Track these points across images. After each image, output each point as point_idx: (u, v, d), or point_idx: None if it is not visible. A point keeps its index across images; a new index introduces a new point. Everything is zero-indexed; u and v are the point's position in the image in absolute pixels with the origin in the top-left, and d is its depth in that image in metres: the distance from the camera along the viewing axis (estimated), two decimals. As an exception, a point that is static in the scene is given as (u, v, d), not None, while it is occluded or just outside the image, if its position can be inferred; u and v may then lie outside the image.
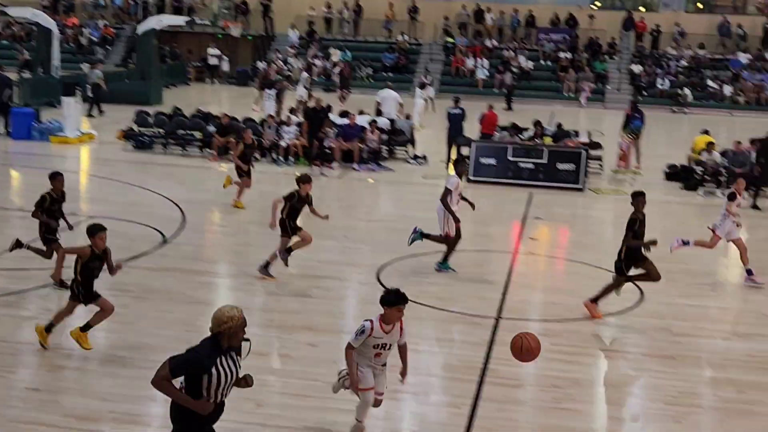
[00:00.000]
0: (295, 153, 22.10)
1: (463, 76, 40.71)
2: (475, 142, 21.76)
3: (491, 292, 12.47)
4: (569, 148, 21.56)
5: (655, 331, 11.24)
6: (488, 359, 10.00)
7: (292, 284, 12.54)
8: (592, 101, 38.91)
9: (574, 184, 20.44)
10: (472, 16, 43.85)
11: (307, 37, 43.71)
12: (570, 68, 40.63)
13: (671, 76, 40.29)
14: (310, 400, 8.72)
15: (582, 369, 10.00)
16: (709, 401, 9.32)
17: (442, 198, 13.22)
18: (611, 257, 14.47)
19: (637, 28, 43.11)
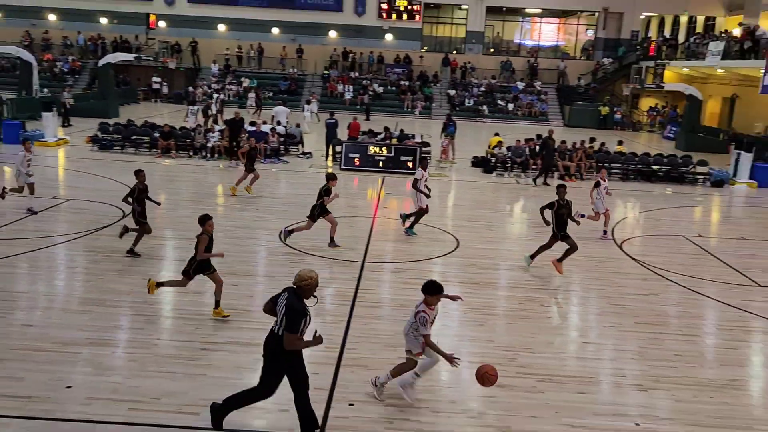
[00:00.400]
0: (219, 151, 21.58)
1: (335, 97, 40.45)
2: (345, 142, 21.73)
3: (359, 244, 12.56)
4: (408, 146, 21.82)
5: (466, 266, 11.58)
6: (357, 290, 10.10)
7: (220, 242, 12.25)
8: (423, 114, 39.41)
9: (412, 171, 20.68)
10: (341, 56, 43.60)
11: (224, 69, 42.47)
12: (408, 91, 41.01)
13: (474, 97, 41.25)
14: (233, 322, 8.59)
15: (419, 293, 10.17)
16: (502, 311, 9.69)
17: (413, 184, 13.28)
18: (437, 218, 14.82)
19: (452, 65, 43.83)
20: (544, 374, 7.65)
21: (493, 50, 46.20)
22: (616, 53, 43.96)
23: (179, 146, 21.95)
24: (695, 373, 7.89)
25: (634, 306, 10.03)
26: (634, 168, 22.34)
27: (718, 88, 38.17)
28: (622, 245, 13.58)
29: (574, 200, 12.75)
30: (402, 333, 6.94)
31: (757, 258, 13.18)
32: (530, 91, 41.77)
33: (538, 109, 40.48)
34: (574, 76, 43.24)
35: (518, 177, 21.14)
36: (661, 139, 36.19)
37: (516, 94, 41.55)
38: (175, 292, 9.70)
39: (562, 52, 46.31)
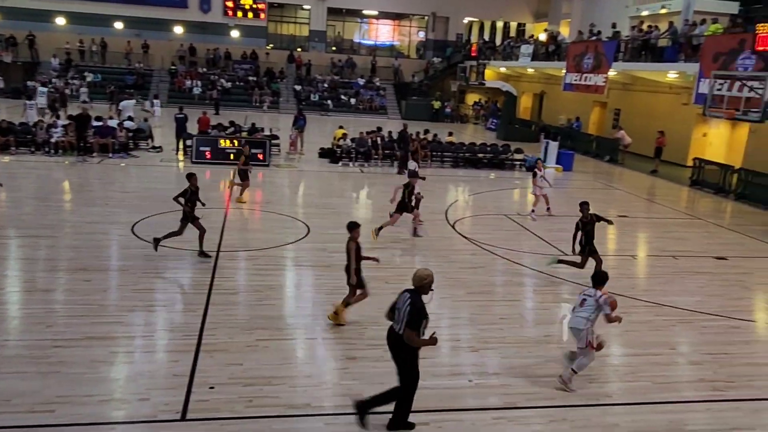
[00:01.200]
0: (63, 147, 19.87)
1: (183, 92, 38.64)
2: (195, 136, 20.88)
3: (212, 234, 12.19)
4: (258, 139, 21.43)
5: (318, 251, 11.65)
6: (213, 279, 9.83)
7: (69, 239, 11.37)
8: (272, 108, 38.81)
9: (263, 162, 20.42)
10: (188, 51, 41.68)
11: (65, 63, 38.97)
12: (255, 87, 40.14)
13: (319, 92, 41.28)
14: (87, 318, 8.05)
15: (274, 278, 10.15)
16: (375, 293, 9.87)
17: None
18: (289, 207, 14.74)
19: (297, 62, 43.51)
20: (391, 344, 7.92)
21: (335, 49, 46.44)
22: (444, 53, 45.98)
23: (20, 142, 19.93)
24: (517, 333, 8.57)
25: (465, 278, 10.63)
26: (462, 156, 23.58)
27: (530, 85, 41.24)
28: (455, 225, 14.32)
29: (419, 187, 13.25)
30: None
31: (564, 231, 14.43)
32: (370, 87, 42.56)
33: (378, 104, 41.36)
34: (409, 73, 44.66)
35: (362, 166, 21.53)
36: (484, 130, 38.44)
37: (357, 89, 42.14)
38: (23, 292, 8.87)
39: (398, 52, 47.61)
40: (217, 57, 42.23)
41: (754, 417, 6.82)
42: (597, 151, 28.34)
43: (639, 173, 24.05)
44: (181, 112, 22.07)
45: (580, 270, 10.59)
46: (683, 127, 26.07)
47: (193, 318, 8.30)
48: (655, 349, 8.29)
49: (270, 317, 8.52)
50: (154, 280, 9.66)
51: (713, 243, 14.04)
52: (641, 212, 17.31)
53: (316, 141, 25.29)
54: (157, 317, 8.35)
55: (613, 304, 6.99)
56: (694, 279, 11.45)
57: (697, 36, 22.53)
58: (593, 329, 7.03)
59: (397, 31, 47.96)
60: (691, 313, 9.66)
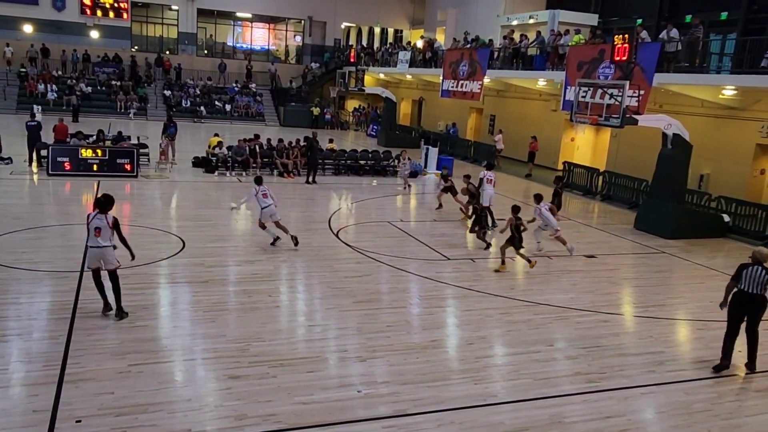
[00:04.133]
0: None
1: (36, 96, 35.92)
2: (51, 146, 19.46)
3: (75, 253, 11.42)
4: (125, 148, 20.36)
5: (194, 266, 11.27)
6: (77, 301, 9.20)
7: None
8: (139, 115, 37.05)
9: (131, 173, 19.43)
10: (40, 52, 38.81)
11: None
12: (120, 92, 38.14)
13: (191, 97, 39.97)
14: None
15: (147, 297, 9.68)
16: (233, 305, 9.64)
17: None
18: (161, 220, 14.16)
19: (165, 65, 41.88)
20: (276, 360, 7.82)
21: (207, 52, 45.22)
22: (322, 58, 46.15)
23: None
24: (404, 339, 8.75)
25: (351, 287, 10.70)
26: (344, 163, 23.76)
27: (409, 91, 42.38)
28: (338, 233, 14.39)
29: (294, 194, 13.17)
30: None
31: (446, 236, 14.97)
32: (246, 93, 41.83)
33: (255, 110, 40.73)
34: (287, 78, 44.39)
35: (240, 175, 21.09)
36: (366, 136, 38.98)
37: (233, 95, 41.27)
38: None
39: (274, 56, 47.19)
40: (74, 59, 39.70)
41: (625, 404, 7.42)
42: (475, 156, 29.59)
43: (514, 177, 25.39)
44: (33, 119, 20.50)
45: (461, 272, 10.98)
46: (553, 132, 27.89)
47: (54, 346, 7.72)
48: (535, 347, 8.79)
49: (143, 340, 8.11)
50: (6, 306, 8.89)
51: (583, 242, 15.11)
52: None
53: (189, 150, 24.43)
54: (11, 347, 7.68)
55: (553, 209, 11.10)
56: (567, 277, 12.26)
57: (562, 46, 24.24)
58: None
59: (273, 34, 47.53)
60: (566, 310, 10.34)
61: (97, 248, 8.64)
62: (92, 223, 8.64)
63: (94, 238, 8.61)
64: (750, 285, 8.11)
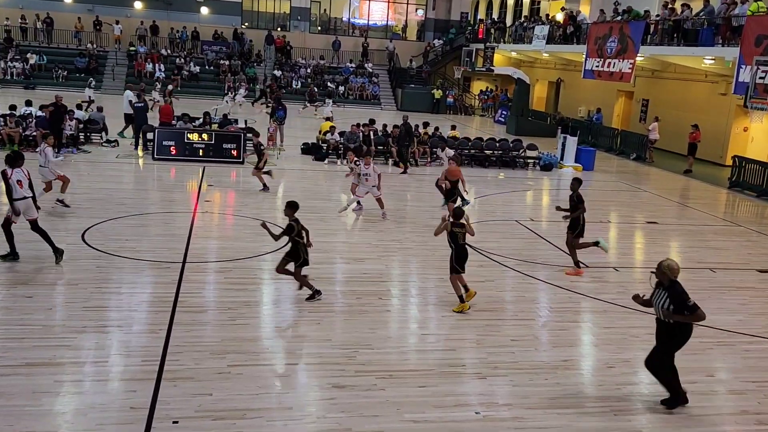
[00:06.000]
0: (1, 140, 19.74)
1: (144, 77, 38.57)
2: (157, 128, 20.81)
3: (177, 243, 12.12)
4: (231, 132, 21.38)
5: (300, 262, 11.57)
6: (178, 294, 9.75)
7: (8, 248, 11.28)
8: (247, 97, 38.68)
9: (237, 159, 20.37)
10: (149, 30, 41.64)
11: (5, 43, 38.88)
12: (228, 72, 40.12)
13: (302, 78, 41.29)
14: (28, 341, 7.96)
15: (249, 294, 10.08)
16: (340, 307, 9.83)
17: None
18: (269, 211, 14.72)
19: (276, 43, 43.55)
20: (384, 370, 7.88)
21: (321, 28, 46.54)
22: (446, 34, 46.12)
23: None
24: (531, 357, 8.53)
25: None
26: (467, 153, 23.61)
27: (545, 72, 41.40)
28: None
29: (410, 186, 13.24)
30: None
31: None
32: (361, 73, 42.61)
33: (370, 92, 41.41)
34: (406, 57, 44.76)
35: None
36: (493, 123, 38.53)
37: (346, 75, 42.19)
38: (-47, 310, 8.78)
39: (392, 32, 47.75)
40: (183, 37, 42.20)
41: (806, 455, 6.81)
42: (622, 147, 28.44)
43: (670, 173, 24.13)
44: (140, 100, 21.96)
45: (602, 283, 10.55)
46: (721, 120, 26.20)
47: (153, 340, 8.22)
48: (690, 376, 8.27)
49: (244, 339, 8.45)
50: (108, 296, 9.58)
51: (756, 254, 14.07)
52: (673, 218, 17.35)
53: (298, 135, 25.24)
54: (112, 340, 8.26)
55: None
56: (734, 295, 11.46)
57: (738, 16, 22.67)
58: None
59: (392, 8, 48.10)
60: (732, 335, 9.66)
61: (25, 199, 10.47)
62: (13, 177, 10.37)
63: (19, 190, 10.39)
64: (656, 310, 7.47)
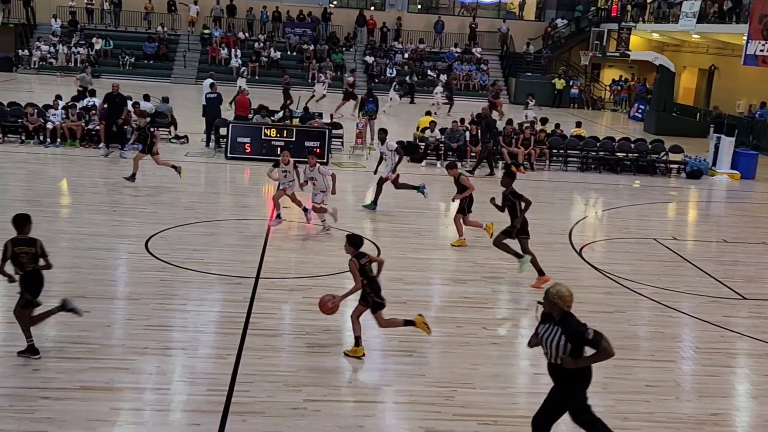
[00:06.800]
0: (62, 134, 20.85)
1: (218, 64, 39.92)
2: (231, 123, 21.44)
3: (250, 255, 12.42)
4: (315, 127, 21.77)
5: (390, 281, 11.59)
6: (249, 314, 9.98)
7: (65, 256, 11.88)
8: (333, 87, 39.35)
9: (320, 159, 20.69)
10: (225, 11, 43.11)
11: (69, 26, 41.19)
12: (313, 58, 40.96)
13: (397, 65, 41.64)
14: (84, 361, 8.33)
15: (329, 317, 10.16)
16: (436, 336, 9.78)
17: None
18: (352, 220, 14.89)
19: (369, 25, 44.13)
20: (489, 415, 7.80)
21: (421, 7, 46.84)
22: (571, 13, 45.47)
23: (7, 128, 21.04)
24: (671, 407, 8.24)
25: (596, 326, 10.26)
26: (595, 155, 23.13)
27: (695, 57, 40.09)
28: (582, 251, 14.02)
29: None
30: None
31: (741, 265, 13.88)
32: (467, 59, 42.57)
33: (478, 82, 41.29)
34: (522, 40, 44.40)
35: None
36: (627, 119, 37.61)
37: (450, 62, 42.24)
38: (5, 324, 9.31)
39: (507, 11, 47.50)
40: (263, 18, 43.37)
41: None
42: (792, 151, 27.17)
43: None
44: (213, 91, 22.68)
45: (762, 320, 10.09)
46: None
47: (221, 367, 8.44)
48: None
49: (323, 370, 8.56)
50: (172, 314, 9.91)
51: None
52: None
53: (392, 131, 25.38)
54: (175, 364, 8.54)
55: None
56: None
57: None
58: None
59: (506, -18, 47.93)
60: None
61: None
62: None
63: None
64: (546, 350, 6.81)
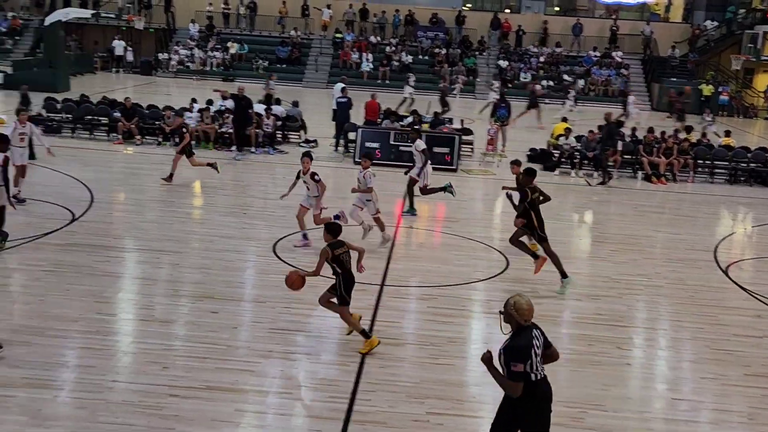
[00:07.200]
0: (197, 137, 21.72)
1: (349, 68, 40.64)
2: (361, 128, 21.75)
3: (376, 261, 12.53)
4: (444, 133, 21.79)
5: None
6: (374, 321, 10.08)
7: (195, 257, 12.37)
8: (464, 92, 39.37)
9: (449, 166, 20.71)
10: (358, 15, 43.86)
11: (206, 30, 42.99)
12: (445, 62, 41.06)
13: (532, 70, 41.17)
14: (210, 361, 8.63)
15: (456, 328, 10.16)
16: (566, 354, 9.59)
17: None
18: (481, 229, 14.81)
19: (503, 28, 43.87)
20: (621, 440, 7.59)
21: (559, 9, 46.17)
22: (722, 15, 43.67)
23: (145, 130, 22.12)
24: (824, 443, 7.78)
25: (743, 352, 9.90)
26: (745, 167, 22.15)
27: None
28: (728, 270, 13.46)
29: (665, 208, 12.70)
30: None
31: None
32: (607, 64, 41.60)
33: (617, 88, 40.26)
34: (667, 43, 42.95)
35: (589, 176, 21.02)
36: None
37: (588, 67, 41.41)
38: (138, 321, 9.78)
39: (651, 12, 46.11)
40: (395, 22, 43.82)
41: None
42: None
43: None
44: (343, 95, 23.08)
45: None
46: None
47: (344, 374, 8.56)
48: None
49: (447, 383, 8.54)
50: (297, 318, 10.14)
51: None
52: None
53: (523, 138, 25.15)
54: (298, 369, 8.73)
55: None
56: None
57: None
58: None
59: (651, -18, 46.61)
60: None
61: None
62: None
63: None
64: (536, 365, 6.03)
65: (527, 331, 6.13)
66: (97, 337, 9.12)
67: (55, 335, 9.08)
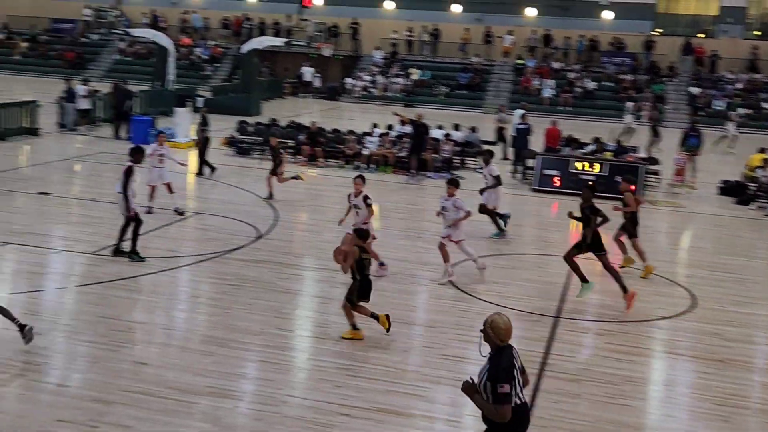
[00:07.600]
0: (376, 161, 22.23)
1: (530, 94, 40.31)
2: (539, 154, 21.50)
3: (551, 292, 12.30)
4: (628, 162, 21.14)
5: (706, 335, 10.94)
6: (547, 354, 9.87)
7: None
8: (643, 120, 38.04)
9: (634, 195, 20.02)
10: (542, 40, 43.51)
11: (389, 57, 44.04)
12: (631, 89, 39.89)
13: (727, 98, 39.23)
14: (381, 383, 8.73)
15: (635, 367, 9.78)
16: (757, 403, 9.03)
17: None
18: (665, 264, 14.24)
19: (696, 53, 42.12)
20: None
21: (760, 33, 43.75)
22: None
23: (328, 153, 22.87)
24: None
25: None
26: None
27: None
28: None
29: None
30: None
31: None
32: (811, 91, 39.07)
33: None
34: None
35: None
36: None
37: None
38: (314, 339, 10.07)
39: None
40: (579, 47, 43.12)
41: None
42: None
43: None
44: (523, 122, 22.90)
45: None
46: None
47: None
48: None
49: (625, 425, 8.24)
50: (467, 345, 10.07)
51: None
52: None
53: (714, 169, 23.95)
54: (466, 399, 8.65)
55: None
56: None
57: None
58: None
59: None
60: None
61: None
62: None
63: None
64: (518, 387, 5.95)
65: (507, 350, 5.90)
66: (275, 351, 9.47)
67: (237, 347, 9.51)
